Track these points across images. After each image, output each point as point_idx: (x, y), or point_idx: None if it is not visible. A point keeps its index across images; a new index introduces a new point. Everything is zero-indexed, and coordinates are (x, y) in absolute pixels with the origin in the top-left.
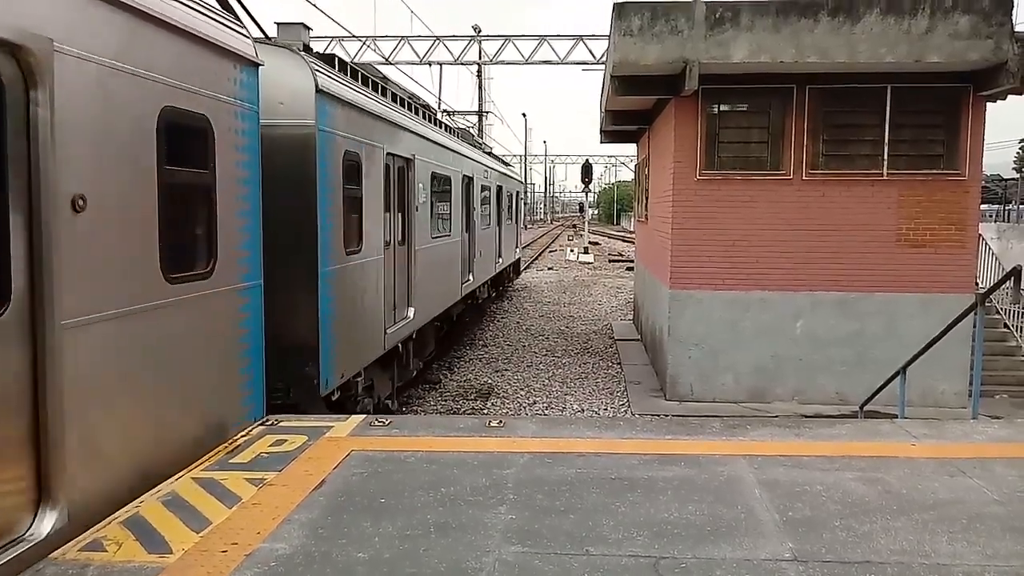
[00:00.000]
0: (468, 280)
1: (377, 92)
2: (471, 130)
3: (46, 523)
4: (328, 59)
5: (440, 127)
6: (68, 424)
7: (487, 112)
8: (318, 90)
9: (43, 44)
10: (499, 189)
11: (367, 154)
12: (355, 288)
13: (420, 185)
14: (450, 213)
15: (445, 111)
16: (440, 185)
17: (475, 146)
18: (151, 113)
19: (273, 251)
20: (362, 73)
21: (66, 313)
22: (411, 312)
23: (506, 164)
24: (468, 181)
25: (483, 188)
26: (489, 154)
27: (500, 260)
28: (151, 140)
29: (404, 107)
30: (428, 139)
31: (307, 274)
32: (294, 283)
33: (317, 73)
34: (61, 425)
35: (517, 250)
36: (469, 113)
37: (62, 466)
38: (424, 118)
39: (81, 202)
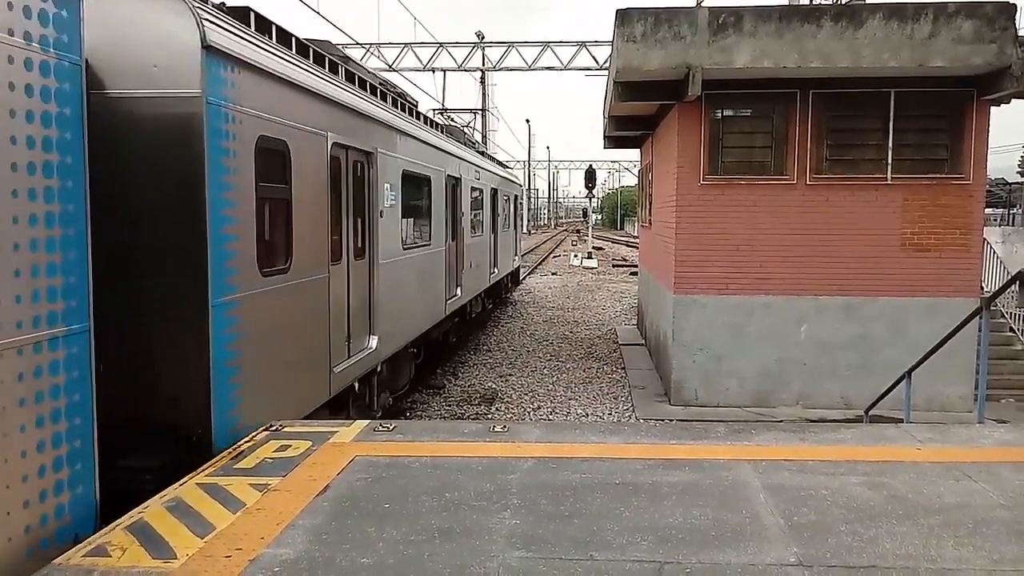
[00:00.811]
0: (455, 295)
1: (327, 69)
2: (466, 129)
3: None
4: (241, 13)
5: (421, 120)
6: None
7: (484, 110)
8: (207, 47)
9: None
10: (494, 192)
11: (299, 143)
12: (279, 318)
13: (386, 186)
14: (430, 219)
15: (438, 110)
16: (417, 186)
17: (467, 144)
18: None
19: (137, 276)
20: (298, 41)
21: None
22: (374, 341)
23: (504, 166)
24: (455, 183)
25: (474, 191)
26: (483, 154)
27: (496, 271)
28: None
29: (368, 92)
30: (398, 130)
31: (190, 305)
32: (169, 319)
33: (207, 24)
34: None
35: (516, 258)
36: (464, 111)
37: None
38: (399, 108)
39: None
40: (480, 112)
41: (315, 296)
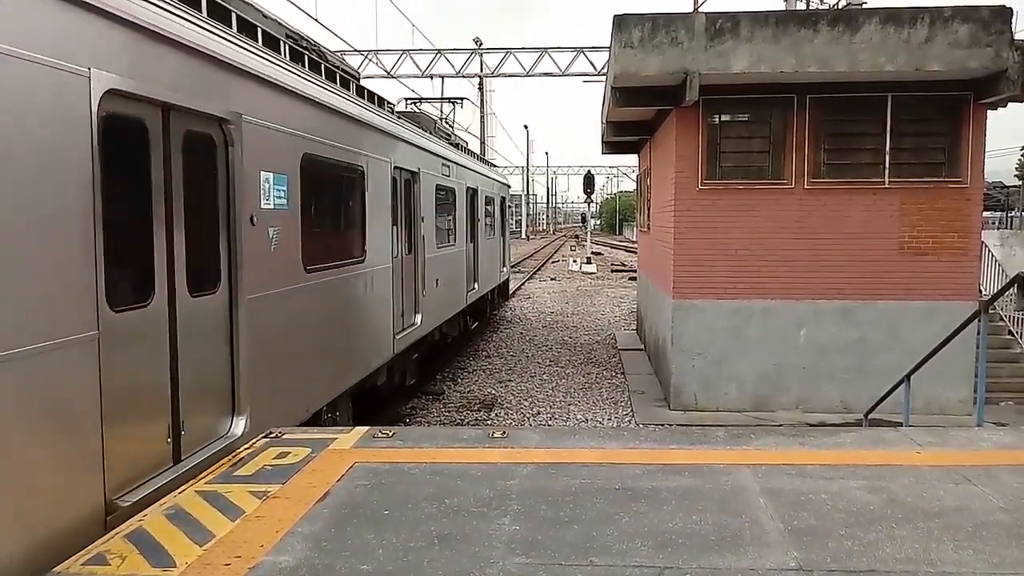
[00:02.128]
0: (410, 326)
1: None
2: (446, 122)
3: None
4: None
5: (360, 96)
6: None
7: (463, 99)
8: None
9: None
10: (472, 192)
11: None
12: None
13: (264, 181)
14: (363, 228)
15: (411, 100)
16: (339, 183)
17: (437, 135)
18: None
19: None
20: None
21: None
22: (241, 424)
23: (489, 163)
24: (410, 179)
25: (442, 190)
26: (459, 147)
27: (475, 288)
28: None
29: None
30: (284, 91)
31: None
32: None
33: None
34: None
35: (504, 270)
36: (442, 100)
37: None
38: (320, 73)
39: None
40: (460, 101)
41: (76, 377)
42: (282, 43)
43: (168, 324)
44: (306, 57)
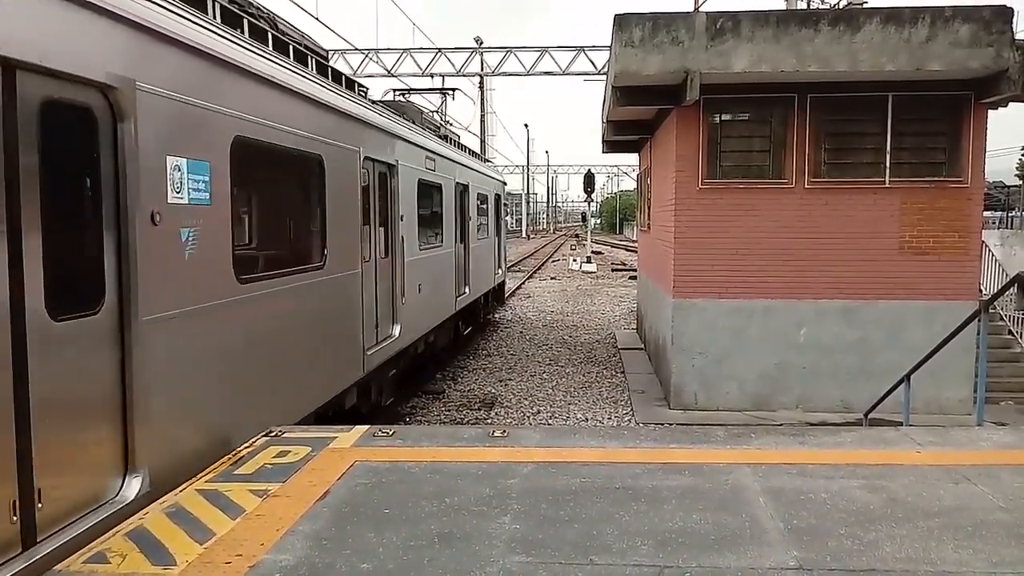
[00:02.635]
0: (387, 338)
1: None
2: (438, 111)
3: None
4: None
5: (323, 75)
6: None
7: (454, 89)
8: None
9: None
10: (462, 189)
11: None
12: None
13: (174, 168)
14: (323, 228)
15: (399, 91)
16: (288, 174)
17: (423, 126)
18: None
19: None
20: None
21: None
22: (135, 484)
23: (481, 158)
24: (386, 172)
25: (427, 186)
26: (447, 139)
27: (466, 292)
28: None
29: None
30: (205, 56)
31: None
32: None
33: None
34: None
35: (499, 272)
36: (432, 91)
37: None
38: (267, 43)
39: None
40: (451, 92)
41: None
42: (211, 3)
43: (12, 359)
44: (246, 21)
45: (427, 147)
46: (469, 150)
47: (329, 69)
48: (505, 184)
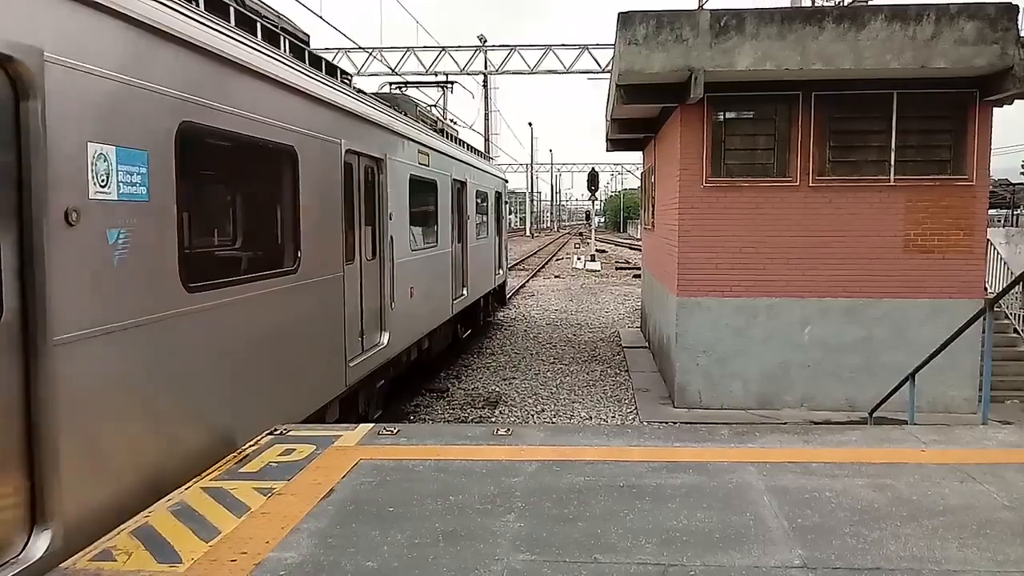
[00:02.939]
0: (374, 347)
1: None
2: (435, 105)
3: None
4: None
5: (299, 59)
6: None
7: (452, 82)
8: None
9: None
10: (459, 186)
11: None
12: None
13: (97, 157)
14: (295, 227)
15: (393, 83)
16: (252, 167)
17: (418, 118)
18: None
19: None
20: None
21: None
22: (44, 539)
23: (481, 154)
24: (372, 167)
25: (420, 182)
26: (444, 134)
27: (464, 294)
28: None
29: None
30: (137, 25)
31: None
32: None
33: None
34: None
35: (500, 272)
36: (429, 85)
37: None
38: (228, 19)
39: None
40: (450, 85)
41: None
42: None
43: None
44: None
45: (420, 141)
46: (469, 146)
47: (306, 52)
48: (507, 182)
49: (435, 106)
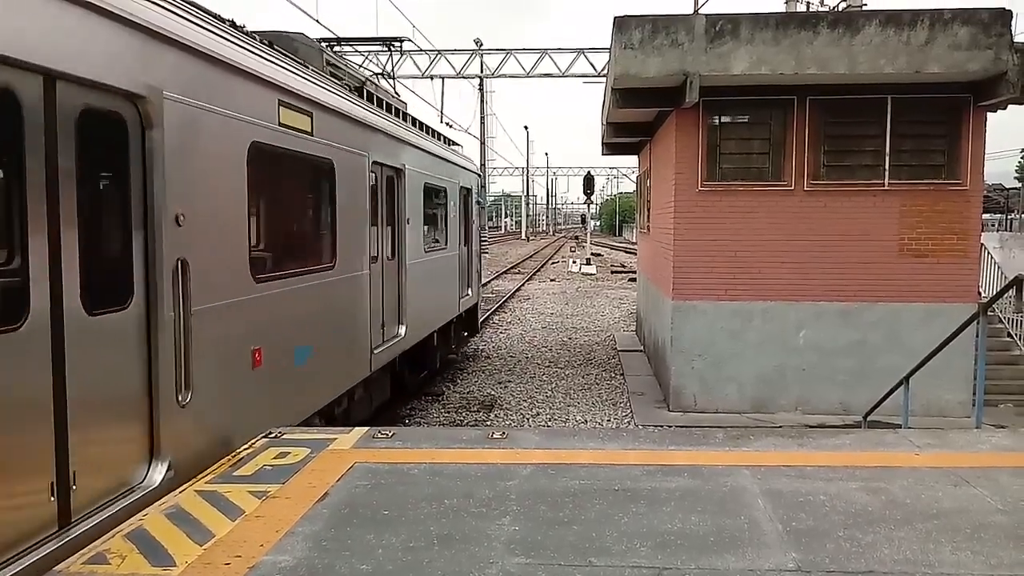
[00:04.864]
0: (393, 339)
1: None
2: (384, 73)
3: None
4: None
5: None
6: None
7: (401, 40)
8: None
9: None
10: (391, 178)
11: None
12: None
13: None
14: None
15: (324, 39)
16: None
17: (317, 69)
18: None
19: None
20: None
21: None
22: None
23: (446, 140)
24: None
25: (303, 166)
26: (380, 103)
27: (394, 337)
28: None
29: None
30: None
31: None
32: None
33: None
34: None
35: (469, 291)
36: (370, 41)
37: None
38: None
39: None
40: (397, 43)
41: None
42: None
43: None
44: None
45: (360, 118)
46: (422, 124)
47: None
48: (479, 176)
49: (382, 75)
